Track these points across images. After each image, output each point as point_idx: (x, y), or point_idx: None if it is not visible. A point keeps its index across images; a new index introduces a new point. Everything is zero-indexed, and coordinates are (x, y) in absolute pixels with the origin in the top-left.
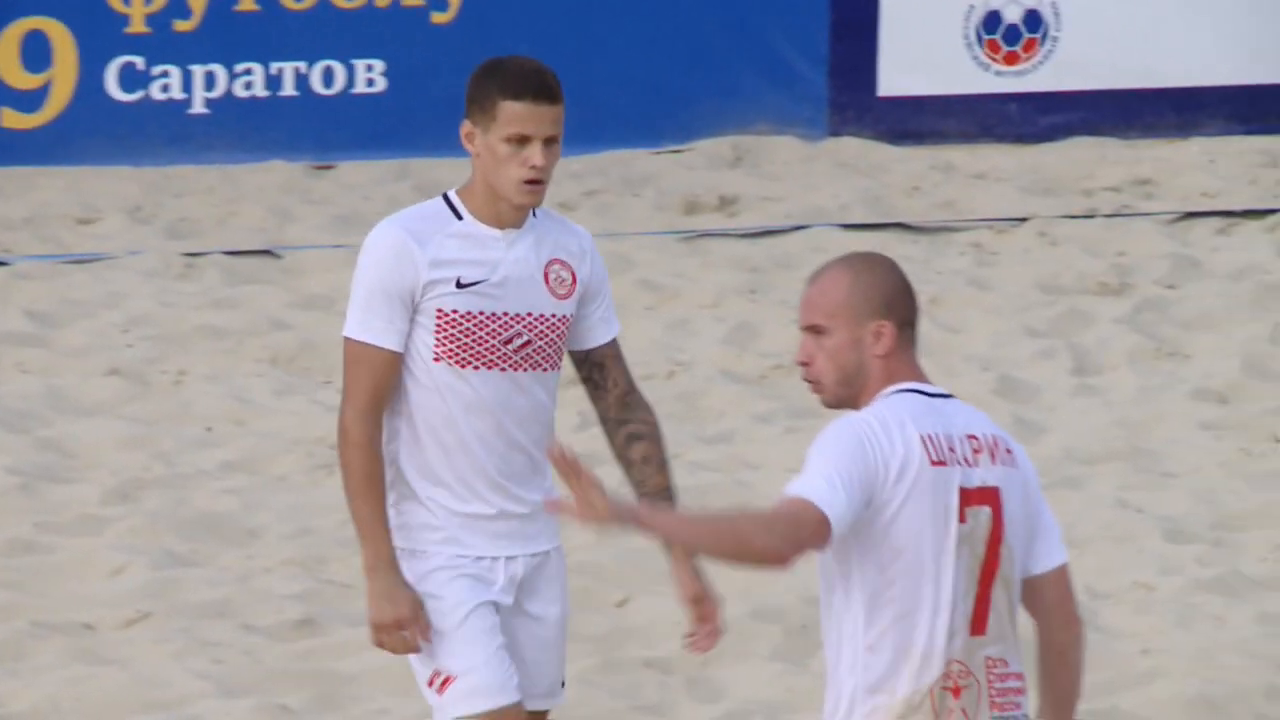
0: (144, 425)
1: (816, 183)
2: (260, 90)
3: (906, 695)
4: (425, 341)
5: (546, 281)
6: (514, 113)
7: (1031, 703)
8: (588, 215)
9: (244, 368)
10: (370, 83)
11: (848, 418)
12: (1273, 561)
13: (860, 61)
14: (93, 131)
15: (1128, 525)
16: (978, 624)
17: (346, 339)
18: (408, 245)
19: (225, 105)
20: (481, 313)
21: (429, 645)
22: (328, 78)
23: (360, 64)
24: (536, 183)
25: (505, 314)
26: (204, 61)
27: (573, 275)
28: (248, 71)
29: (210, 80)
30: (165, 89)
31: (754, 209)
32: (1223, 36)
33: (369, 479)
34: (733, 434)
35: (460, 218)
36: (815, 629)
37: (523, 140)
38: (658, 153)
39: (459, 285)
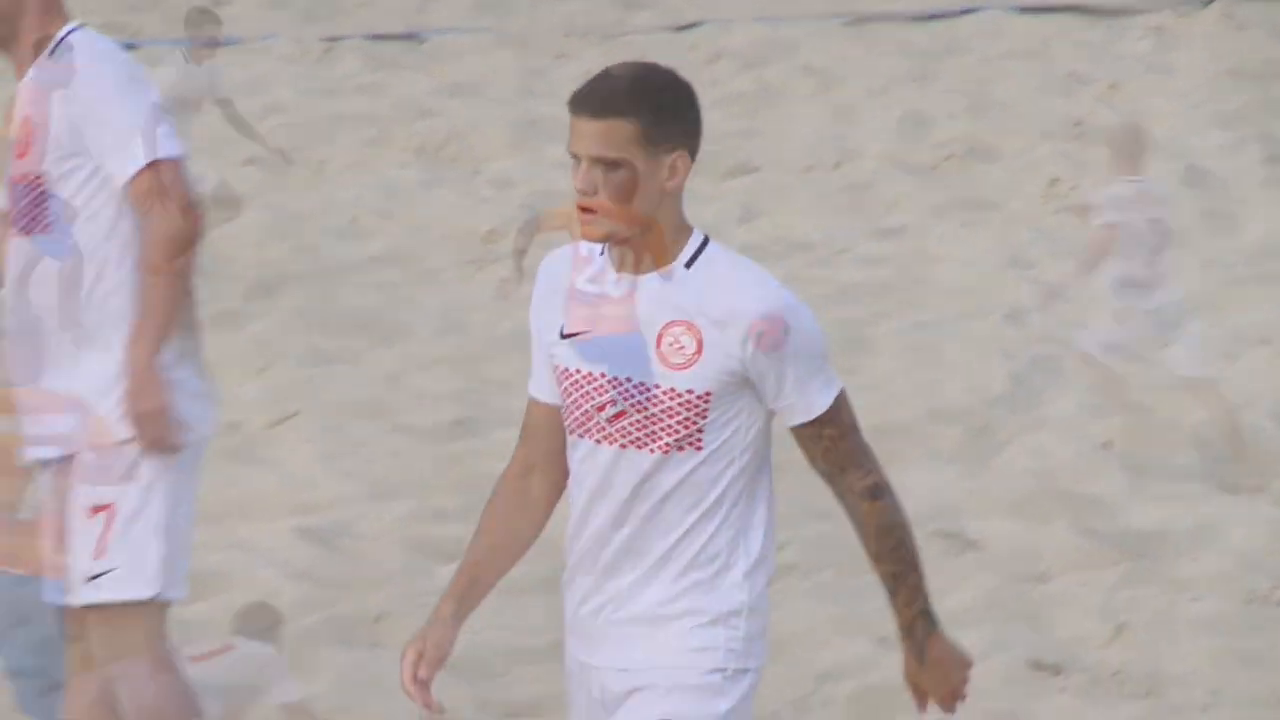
0: (286, 217)
1: None
2: None
3: None
4: None
5: (658, 346)
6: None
7: None
8: None
9: (389, 157)
10: None
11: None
12: None
13: None
14: None
15: None
16: None
17: None
18: (541, 279)
19: None
20: (579, 370)
21: None
22: None
23: None
24: (587, 211)
25: (602, 375)
26: None
27: (698, 343)
28: None
29: None
30: None
31: None
32: None
33: (486, 505)
34: (905, 228)
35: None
36: (997, 429)
37: (575, 158)
38: None
39: (562, 335)
